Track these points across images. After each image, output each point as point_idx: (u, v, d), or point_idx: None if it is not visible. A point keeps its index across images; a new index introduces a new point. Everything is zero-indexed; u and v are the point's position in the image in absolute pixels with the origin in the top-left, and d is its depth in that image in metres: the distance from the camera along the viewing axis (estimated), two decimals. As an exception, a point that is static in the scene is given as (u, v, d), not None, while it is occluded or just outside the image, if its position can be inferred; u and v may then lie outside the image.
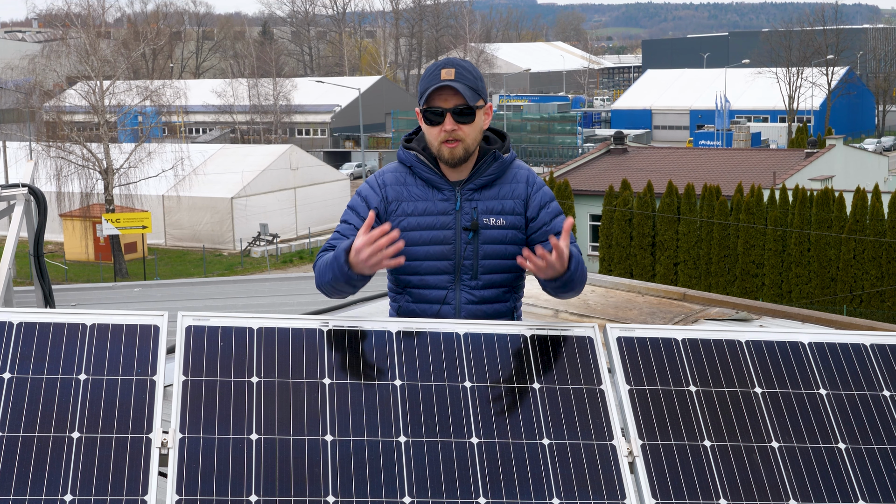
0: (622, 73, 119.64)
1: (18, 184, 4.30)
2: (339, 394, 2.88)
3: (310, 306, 6.67)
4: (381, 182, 3.46)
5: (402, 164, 3.46)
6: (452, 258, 3.40)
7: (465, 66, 3.36)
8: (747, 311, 6.73)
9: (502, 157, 3.44)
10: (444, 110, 3.31)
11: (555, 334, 3.11)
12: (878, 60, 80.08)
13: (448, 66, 3.35)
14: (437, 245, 3.40)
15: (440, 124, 3.33)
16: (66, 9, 37.72)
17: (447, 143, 3.33)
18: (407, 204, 3.41)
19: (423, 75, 3.41)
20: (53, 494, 2.58)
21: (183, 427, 2.74)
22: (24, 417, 2.72)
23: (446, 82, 3.30)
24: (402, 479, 2.73)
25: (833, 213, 26.12)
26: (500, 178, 3.44)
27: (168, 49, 77.44)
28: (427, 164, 3.41)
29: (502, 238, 3.42)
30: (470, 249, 3.40)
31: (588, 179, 32.98)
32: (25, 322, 2.91)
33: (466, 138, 3.34)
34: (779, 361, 3.13)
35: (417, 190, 3.42)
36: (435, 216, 3.40)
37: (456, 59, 3.40)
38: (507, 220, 3.41)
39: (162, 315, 2.99)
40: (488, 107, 3.42)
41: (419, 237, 3.40)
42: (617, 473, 2.82)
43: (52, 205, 32.90)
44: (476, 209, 3.40)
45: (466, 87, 3.31)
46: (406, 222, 3.40)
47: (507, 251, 3.41)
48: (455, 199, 3.40)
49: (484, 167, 3.41)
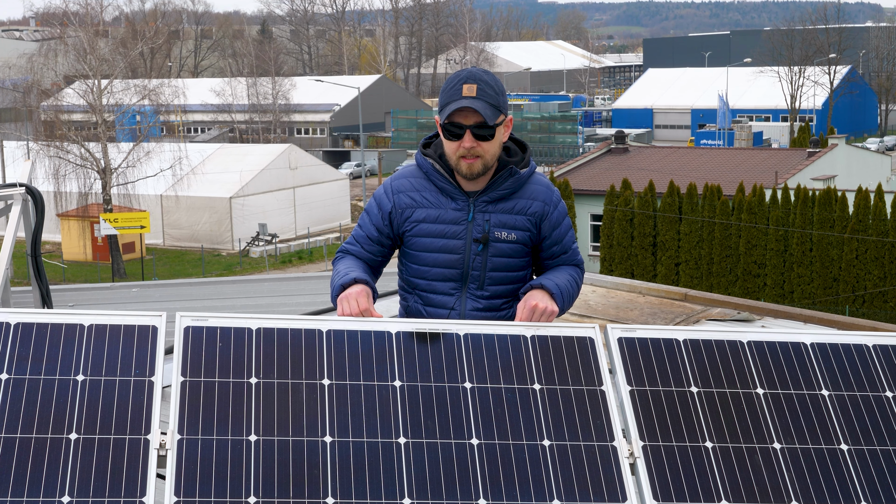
0: (623, 72, 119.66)
1: (16, 183, 4.28)
2: (339, 395, 2.87)
3: (309, 307, 6.66)
4: (394, 188, 3.48)
5: (419, 168, 3.48)
6: (460, 268, 3.43)
7: (486, 82, 3.32)
8: (749, 311, 6.72)
9: (519, 174, 3.43)
10: (464, 126, 3.31)
11: (555, 335, 3.10)
12: (880, 59, 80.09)
13: (470, 80, 3.31)
14: (447, 254, 3.42)
15: (459, 139, 3.32)
16: (64, 7, 37.68)
17: (465, 159, 3.34)
18: (420, 210, 3.43)
19: (445, 86, 3.39)
20: (51, 496, 2.57)
21: (181, 428, 2.73)
22: (21, 418, 2.70)
23: (467, 101, 3.28)
24: (402, 481, 2.72)
25: (835, 212, 26.10)
26: (516, 193, 3.44)
27: (166, 48, 77.45)
28: (442, 174, 3.41)
29: (512, 252, 3.44)
30: (479, 261, 3.42)
31: (589, 179, 32.97)
32: (23, 322, 2.90)
33: (485, 154, 3.34)
34: (781, 362, 3.11)
35: (431, 197, 3.43)
36: (446, 225, 3.41)
37: (478, 73, 3.35)
38: (518, 235, 3.43)
39: (160, 315, 2.98)
40: (509, 120, 3.41)
41: (430, 244, 3.43)
42: (618, 474, 2.80)
43: (50, 204, 32.94)
44: (489, 221, 3.41)
45: (487, 106, 3.30)
46: (418, 228, 3.43)
47: (516, 264, 3.45)
48: (468, 209, 3.41)
49: (500, 181, 3.41)
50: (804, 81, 66.59)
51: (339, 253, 3.56)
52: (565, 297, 3.38)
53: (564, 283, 3.41)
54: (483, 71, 3.38)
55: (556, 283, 3.38)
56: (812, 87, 67.39)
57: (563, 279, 3.43)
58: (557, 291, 3.34)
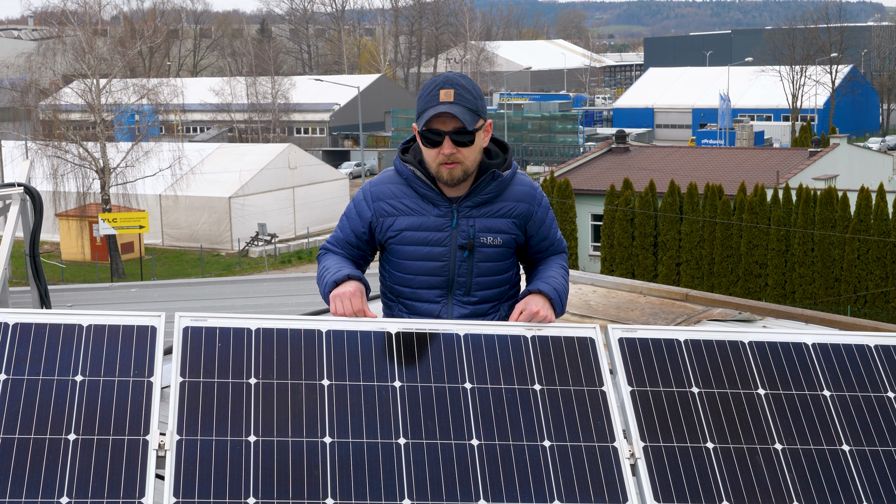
0: (624, 72, 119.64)
1: (14, 183, 4.27)
2: (339, 395, 2.86)
3: (308, 307, 6.65)
4: (373, 195, 3.41)
5: (399, 174, 3.41)
6: (446, 275, 3.37)
7: (464, 86, 3.26)
8: (750, 311, 6.71)
9: (502, 177, 3.37)
10: (443, 133, 3.25)
11: (555, 335, 3.09)
12: (882, 58, 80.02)
13: (447, 85, 3.25)
14: (431, 262, 3.36)
15: (438, 146, 3.27)
16: (62, 6, 37.62)
17: (446, 165, 3.28)
18: (402, 218, 3.37)
19: (422, 93, 3.32)
20: (49, 497, 2.56)
21: (180, 429, 2.72)
22: (19, 419, 2.69)
23: (445, 107, 3.22)
24: (402, 482, 2.71)
25: (837, 212, 26.08)
26: (499, 196, 3.39)
27: (165, 47, 77.39)
28: (424, 180, 3.35)
29: (497, 256, 3.39)
30: (465, 267, 3.37)
31: (589, 179, 32.96)
32: (21, 323, 2.89)
33: (465, 160, 3.28)
34: (782, 362, 3.10)
35: (413, 203, 3.37)
36: (430, 232, 3.35)
37: (455, 78, 3.29)
38: (504, 238, 3.38)
39: (159, 316, 2.97)
40: (488, 124, 3.35)
41: (413, 252, 3.37)
42: (618, 476, 2.79)
43: (49, 204, 32.90)
44: (473, 226, 3.35)
45: (466, 111, 3.24)
46: (400, 237, 3.37)
47: (502, 267, 3.41)
48: (452, 215, 3.35)
49: (483, 185, 3.36)
50: (806, 81, 66.50)
51: (322, 250, 3.51)
52: (563, 299, 3.35)
53: (560, 283, 3.37)
54: (460, 75, 3.32)
55: (553, 287, 3.33)
56: (814, 87, 67.29)
57: (558, 278, 3.39)
58: (556, 296, 3.30)
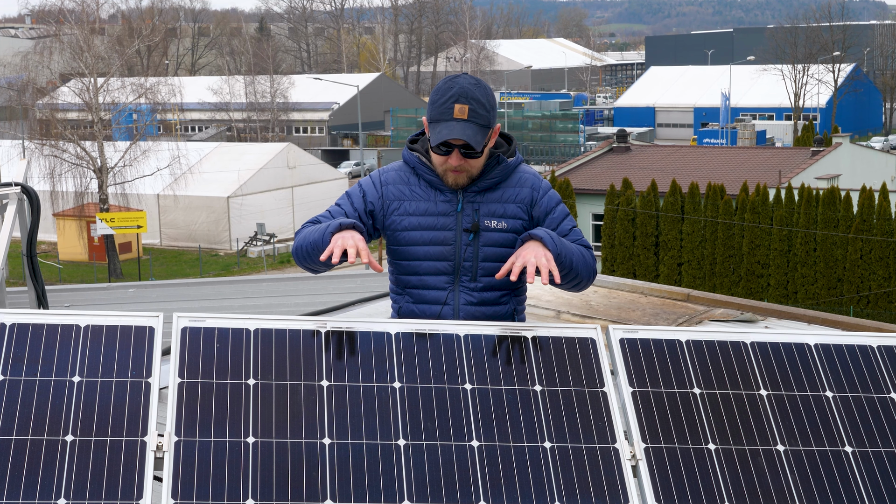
0: (625, 70, 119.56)
1: (11, 183, 4.25)
2: (338, 396, 2.84)
3: (307, 307, 6.64)
4: (382, 180, 3.48)
5: (406, 164, 3.49)
6: (452, 259, 3.41)
7: (478, 100, 3.29)
8: (752, 311, 6.69)
9: (506, 162, 3.44)
10: (452, 146, 3.32)
11: (556, 335, 3.07)
12: (885, 57, 79.96)
13: (462, 100, 3.27)
14: (437, 246, 3.41)
15: (448, 155, 3.33)
16: (60, 4, 37.62)
17: (452, 171, 3.36)
18: (409, 203, 3.43)
19: (436, 96, 3.35)
20: (47, 498, 2.55)
21: (178, 430, 2.71)
22: (16, 420, 2.68)
23: (458, 129, 3.25)
24: (402, 483, 2.70)
25: (839, 212, 26.07)
26: (504, 182, 3.45)
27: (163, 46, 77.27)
28: (430, 167, 3.43)
29: (503, 241, 3.42)
30: (470, 251, 3.40)
31: (590, 178, 32.95)
32: (18, 323, 2.88)
33: (472, 169, 3.37)
34: (784, 363, 3.09)
35: (419, 190, 3.44)
36: (436, 217, 3.41)
37: (470, 90, 3.30)
38: (508, 223, 3.42)
39: (157, 316, 2.96)
40: (496, 129, 3.41)
41: (419, 237, 3.42)
42: (620, 477, 2.78)
43: (46, 204, 32.82)
44: (478, 211, 3.40)
45: (478, 130, 3.28)
46: (407, 222, 3.42)
47: (508, 254, 3.40)
48: (457, 200, 3.41)
49: (488, 171, 3.42)
50: (808, 79, 66.45)
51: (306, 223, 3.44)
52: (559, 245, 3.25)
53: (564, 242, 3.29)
54: (475, 84, 3.32)
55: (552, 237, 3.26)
56: (816, 86, 67.21)
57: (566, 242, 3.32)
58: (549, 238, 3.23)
